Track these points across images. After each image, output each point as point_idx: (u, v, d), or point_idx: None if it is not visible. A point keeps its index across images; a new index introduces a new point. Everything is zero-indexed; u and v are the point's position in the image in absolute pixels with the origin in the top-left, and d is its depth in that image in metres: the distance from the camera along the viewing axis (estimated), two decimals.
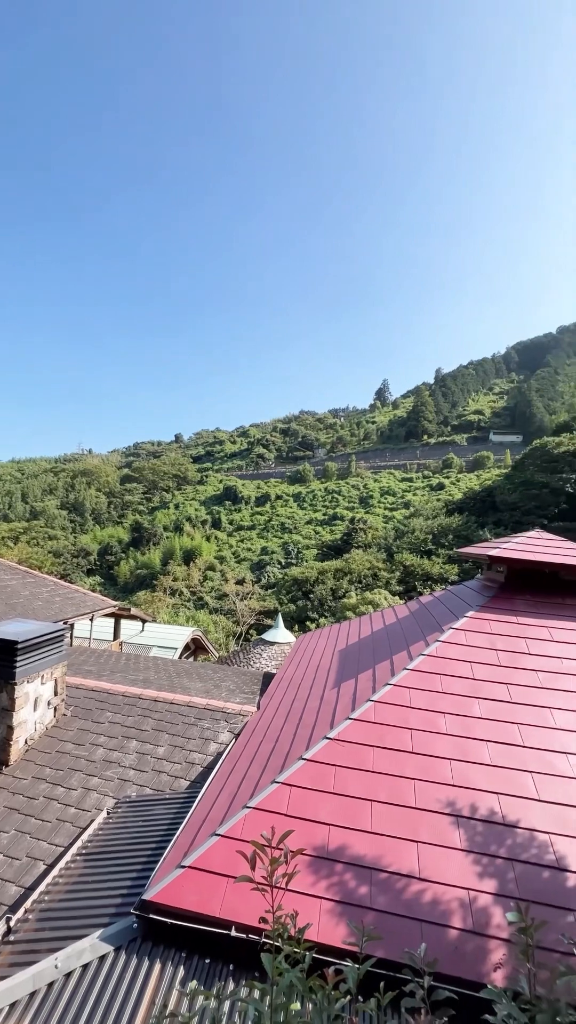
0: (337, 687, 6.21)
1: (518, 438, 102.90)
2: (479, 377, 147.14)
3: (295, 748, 4.82)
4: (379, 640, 7.38)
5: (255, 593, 52.86)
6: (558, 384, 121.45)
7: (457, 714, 4.75)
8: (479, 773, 4.17)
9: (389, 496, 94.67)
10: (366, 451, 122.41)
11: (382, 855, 3.57)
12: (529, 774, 4.13)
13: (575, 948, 2.28)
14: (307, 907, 3.22)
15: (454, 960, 2.99)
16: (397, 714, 4.74)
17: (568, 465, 55.68)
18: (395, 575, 49.08)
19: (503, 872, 3.45)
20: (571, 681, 5.10)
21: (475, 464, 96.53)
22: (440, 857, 3.56)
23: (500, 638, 5.73)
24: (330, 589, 48.37)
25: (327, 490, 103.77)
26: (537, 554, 6.62)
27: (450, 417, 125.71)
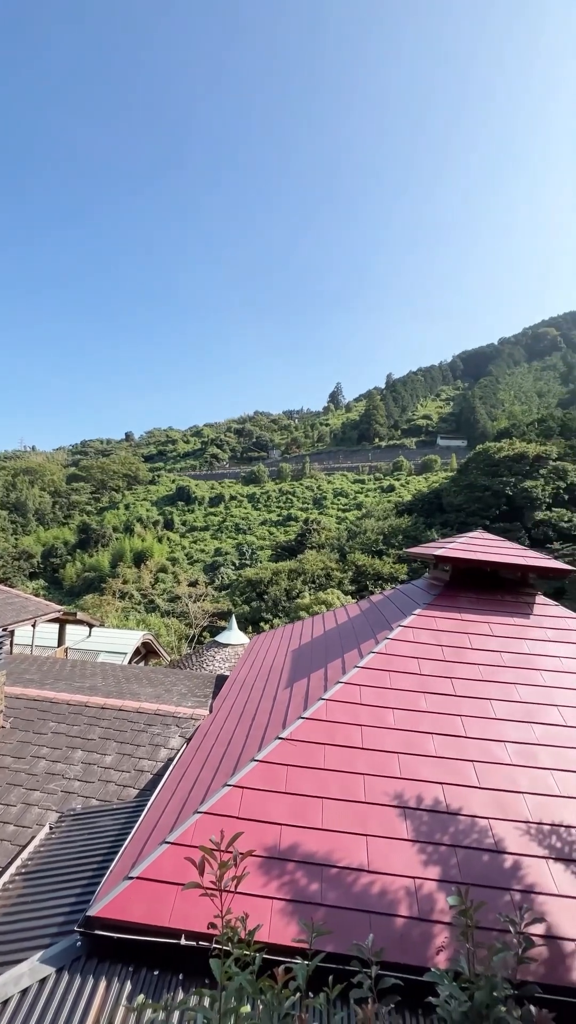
0: (290, 687, 6.24)
1: (463, 443, 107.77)
2: (427, 383, 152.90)
3: (247, 750, 4.80)
4: (331, 639, 7.50)
5: (208, 595, 52.17)
6: (499, 392, 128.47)
7: (405, 709, 4.91)
8: (425, 765, 4.33)
9: (342, 497, 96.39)
10: (320, 453, 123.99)
11: (333, 851, 3.63)
12: (471, 763, 4.34)
13: (511, 926, 2.41)
14: (259, 908, 3.22)
15: (401, 947, 3.08)
16: (348, 711, 4.83)
17: (508, 469, 58.96)
18: (348, 575, 50.04)
19: (446, 858, 3.60)
20: (509, 673, 5.40)
21: (423, 467, 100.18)
22: (388, 848, 3.66)
23: (445, 634, 5.98)
24: (284, 590, 48.60)
25: (281, 491, 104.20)
26: (479, 554, 6.96)
27: (400, 421, 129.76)
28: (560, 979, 2.98)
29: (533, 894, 3.40)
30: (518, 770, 4.29)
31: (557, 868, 3.54)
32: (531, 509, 54.68)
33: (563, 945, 3.11)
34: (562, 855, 3.62)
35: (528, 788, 4.12)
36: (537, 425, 72.42)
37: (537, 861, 3.60)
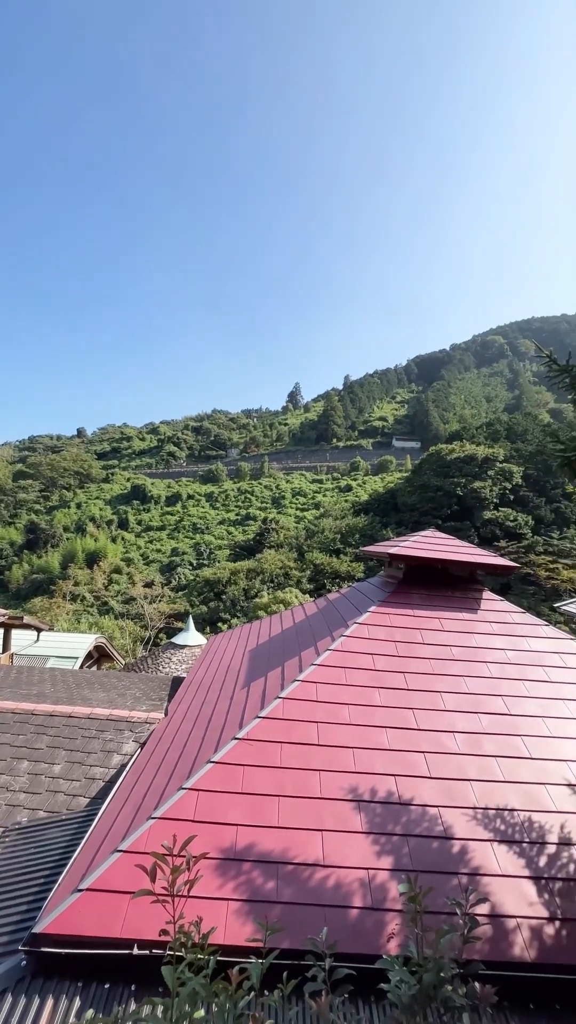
0: (247, 687, 6.22)
1: (417, 444, 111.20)
2: (383, 386, 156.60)
3: (203, 752, 4.74)
4: (288, 638, 7.54)
5: (165, 596, 51.11)
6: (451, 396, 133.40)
7: (360, 704, 5.01)
8: (379, 758, 4.44)
9: (300, 497, 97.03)
10: (278, 452, 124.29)
11: (289, 848, 3.65)
12: (422, 754, 4.48)
13: (457, 908, 2.52)
14: (214, 911, 3.19)
15: (355, 938, 3.15)
16: (304, 709, 4.88)
17: (458, 470, 61.38)
18: (306, 574, 50.47)
19: (399, 848, 3.71)
20: (458, 666, 5.63)
21: (379, 467, 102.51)
22: (343, 842, 3.72)
23: (398, 630, 6.15)
24: (243, 589, 48.39)
25: (240, 490, 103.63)
26: (431, 551, 7.21)
27: (357, 422, 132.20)
28: (503, 955, 3.14)
29: (479, 876, 3.55)
30: (466, 758, 4.47)
31: (501, 850, 3.73)
32: (480, 509, 57.17)
33: (505, 923, 3.28)
34: (505, 837, 3.81)
35: (475, 775, 4.31)
36: (485, 428, 75.83)
37: (483, 844, 3.77)
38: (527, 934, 3.23)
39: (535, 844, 3.78)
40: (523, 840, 3.79)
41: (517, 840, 3.80)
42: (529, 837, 3.82)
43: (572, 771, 4.42)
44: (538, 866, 3.63)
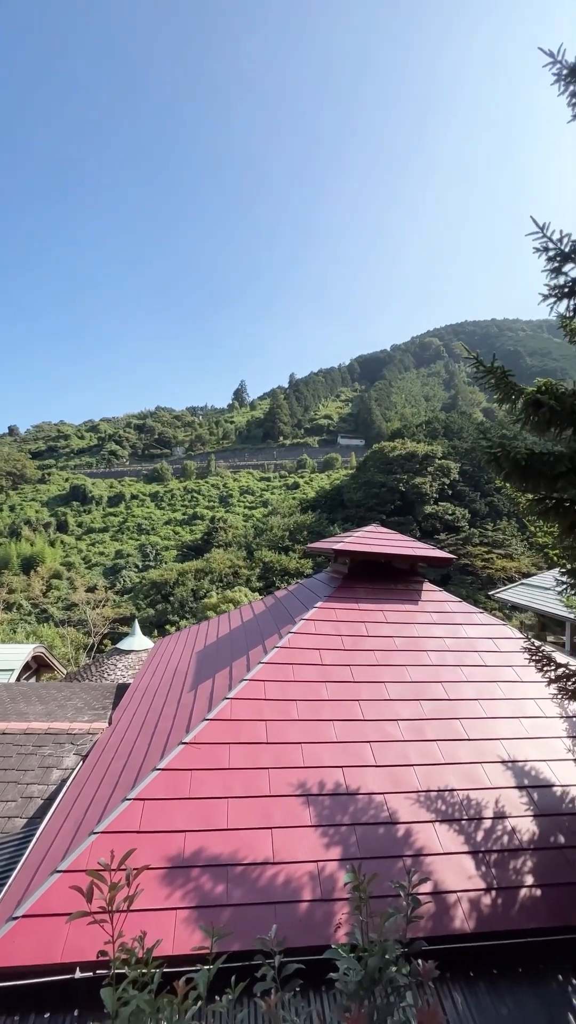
0: (195, 690, 6.11)
1: (361, 442, 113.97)
2: (328, 385, 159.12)
3: (149, 759, 4.61)
4: (237, 638, 7.48)
5: (109, 600, 49.13)
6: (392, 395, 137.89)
7: (308, 699, 5.06)
8: (327, 751, 4.50)
9: (248, 495, 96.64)
10: (225, 450, 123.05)
11: (238, 849, 3.62)
12: (368, 744, 4.60)
13: (401, 890, 2.60)
14: (161, 922, 3.11)
15: (305, 931, 3.18)
16: (252, 708, 4.86)
17: (400, 467, 63.60)
18: (255, 572, 50.41)
19: (347, 837, 3.79)
20: (401, 656, 5.83)
21: (326, 465, 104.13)
22: (293, 838, 3.75)
23: (344, 624, 6.27)
24: (191, 590, 47.56)
25: (186, 489, 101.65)
26: (374, 546, 7.41)
27: (303, 420, 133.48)
28: (445, 929, 3.29)
29: (422, 856, 3.70)
30: (409, 745, 4.64)
31: (442, 829, 3.90)
32: (421, 503, 59.59)
33: (447, 898, 3.43)
34: (446, 817, 4.00)
35: (418, 760, 4.49)
36: (425, 427, 79.06)
37: (425, 826, 3.92)
38: (466, 907, 3.41)
39: (473, 820, 3.99)
40: (462, 818, 3.99)
41: (457, 818, 3.99)
42: (467, 815, 4.03)
43: (505, 748, 4.71)
44: (476, 841, 3.83)
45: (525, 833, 3.93)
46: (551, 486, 2.98)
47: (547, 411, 2.93)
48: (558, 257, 2.90)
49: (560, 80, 3.16)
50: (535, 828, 3.98)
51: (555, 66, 3.11)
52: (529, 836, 3.91)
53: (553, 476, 2.89)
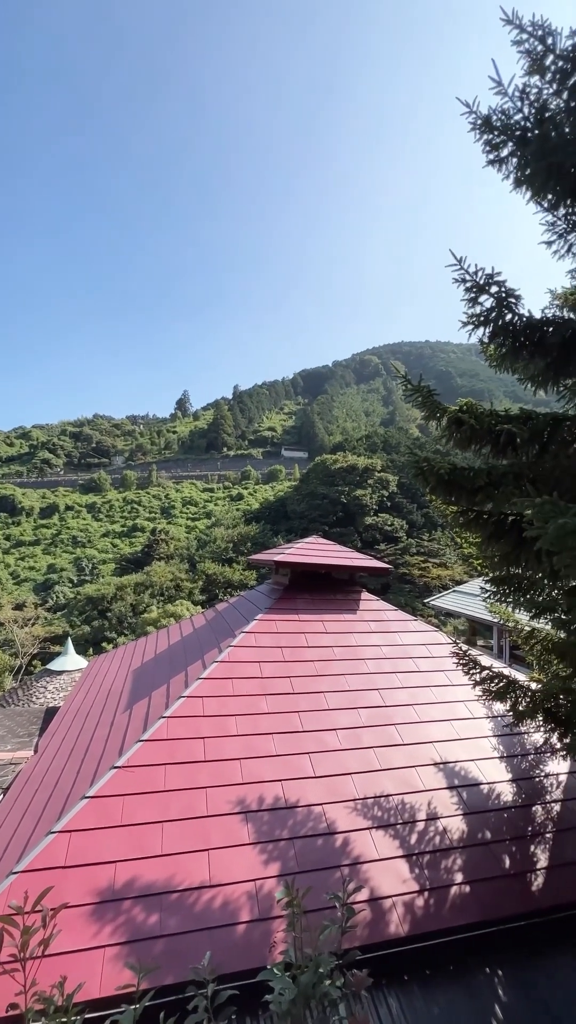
0: (129, 710, 5.86)
1: (304, 454, 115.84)
2: (272, 397, 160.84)
3: (78, 787, 4.34)
4: (176, 653, 7.27)
5: (40, 617, 46.00)
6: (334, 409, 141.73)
7: (247, 714, 5.00)
8: (266, 765, 4.46)
9: (191, 506, 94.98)
10: (167, 460, 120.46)
11: (173, 875, 3.48)
12: (307, 755, 4.61)
13: (336, 901, 2.61)
14: (87, 963, 2.91)
15: (242, 954, 3.10)
16: (190, 726, 4.72)
17: (342, 479, 65.28)
18: (198, 584, 49.42)
19: (285, 852, 3.75)
20: (340, 665, 5.92)
21: (269, 476, 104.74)
22: (230, 858, 3.66)
23: (284, 635, 6.29)
24: (130, 605, 45.73)
25: (126, 500, 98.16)
26: (314, 557, 7.52)
27: (247, 432, 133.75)
28: (381, 935, 3.33)
29: (360, 864, 3.74)
30: (347, 753, 4.70)
31: (378, 835, 3.97)
32: (362, 515, 61.32)
33: (382, 904, 3.49)
34: (382, 823, 4.07)
35: (355, 768, 4.55)
36: (365, 440, 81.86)
37: (363, 833, 3.98)
38: (401, 911, 3.47)
39: (407, 824, 4.10)
40: (397, 822, 4.09)
41: (392, 823, 4.08)
42: (402, 818, 4.13)
43: (437, 751, 4.89)
44: (410, 844, 3.93)
45: (455, 832, 4.08)
46: (472, 499, 3.19)
47: (468, 429, 3.15)
48: (474, 288, 3.15)
49: (475, 129, 3.45)
50: (464, 827, 4.15)
51: (470, 115, 3.41)
52: (459, 835, 4.07)
53: (473, 490, 3.10)
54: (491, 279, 3.17)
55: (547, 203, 3.28)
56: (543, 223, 3.45)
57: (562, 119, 3.39)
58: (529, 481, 2.92)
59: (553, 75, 3.40)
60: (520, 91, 3.33)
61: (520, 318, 3.21)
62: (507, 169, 3.46)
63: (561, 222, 3.34)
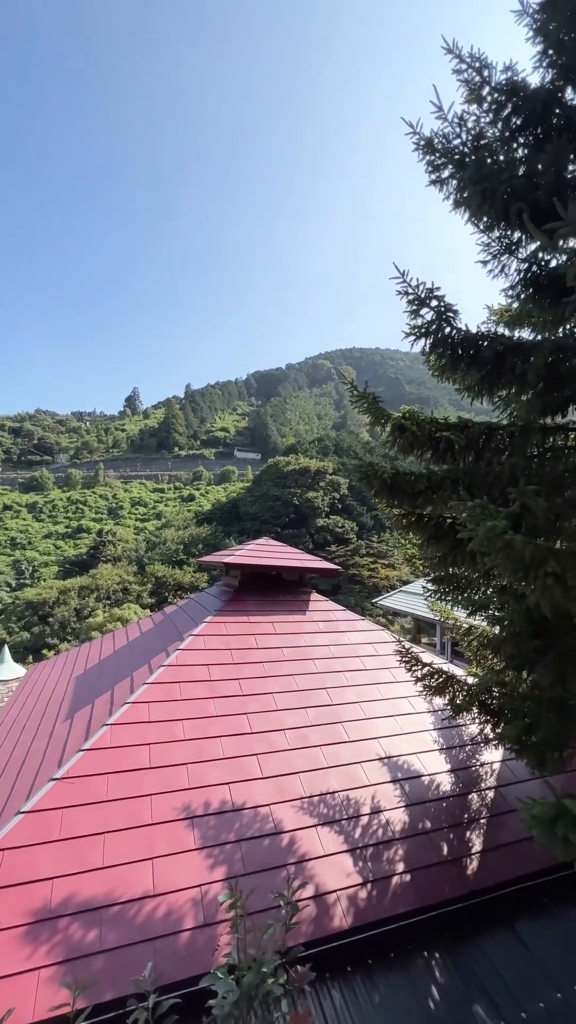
0: (71, 718, 5.62)
1: (258, 455, 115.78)
2: (225, 397, 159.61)
3: (12, 803, 4.12)
4: (121, 658, 7.06)
5: None
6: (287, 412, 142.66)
7: (195, 718, 4.94)
8: (214, 769, 4.42)
9: (140, 507, 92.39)
10: (115, 459, 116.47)
11: (114, 888, 3.38)
12: (255, 757, 4.62)
13: (281, 900, 2.64)
14: (19, 987, 2.77)
15: (186, 961, 3.05)
16: (134, 732, 4.60)
17: (295, 482, 65.84)
18: (147, 587, 48.14)
19: (232, 855, 3.74)
20: (289, 666, 5.97)
21: (222, 477, 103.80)
22: (175, 865, 3.60)
23: (234, 637, 6.26)
24: (74, 609, 43.78)
25: (70, 500, 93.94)
26: (264, 559, 7.54)
27: (199, 432, 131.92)
28: (325, 930, 3.39)
29: (306, 862, 3.79)
30: (294, 753, 4.75)
31: (324, 831, 4.04)
32: (313, 517, 62.09)
33: (327, 899, 3.55)
34: (328, 819, 4.15)
35: (303, 767, 4.61)
36: (317, 443, 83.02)
37: (309, 831, 4.03)
38: (345, 904, 3.55)
39: (352, 819, 4.19)
40: (342, 818, 4.18)
41: (338, 819, 4.17)
42: (347, 814, 4.23)
43: (382, 746, 5.05)
44: (354, 838, 4.03)
45: (398, 824, 4.23)
46: (413, 503, 3.34)
47: (410, 435, 3.29)
48: (416, 301, 3.31)
49: (419, 149, 3.62)
50: (406, 818, 4.31)
51: (414, 136, 3.57)
52: (401, 826, 4.22)
53: (414, 494, 3.24)
54: (431, 293, 3.33)
55: (483, 225, 3.49)
56: (479, 244, 3.67)
57: (497, 147, 3.62)
58: (464, 486, 3.10)
59: (489, 105, 3.63)
60: (459, 118, 3.53)
61: (458, 331, 3.40)
62: (447, 190, 3.65)
63: (495, 244, 3.57)
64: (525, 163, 3.48)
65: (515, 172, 3.36)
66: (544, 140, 3.47)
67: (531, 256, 3.52)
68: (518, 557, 2.31)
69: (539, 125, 3.51)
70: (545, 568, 2.28)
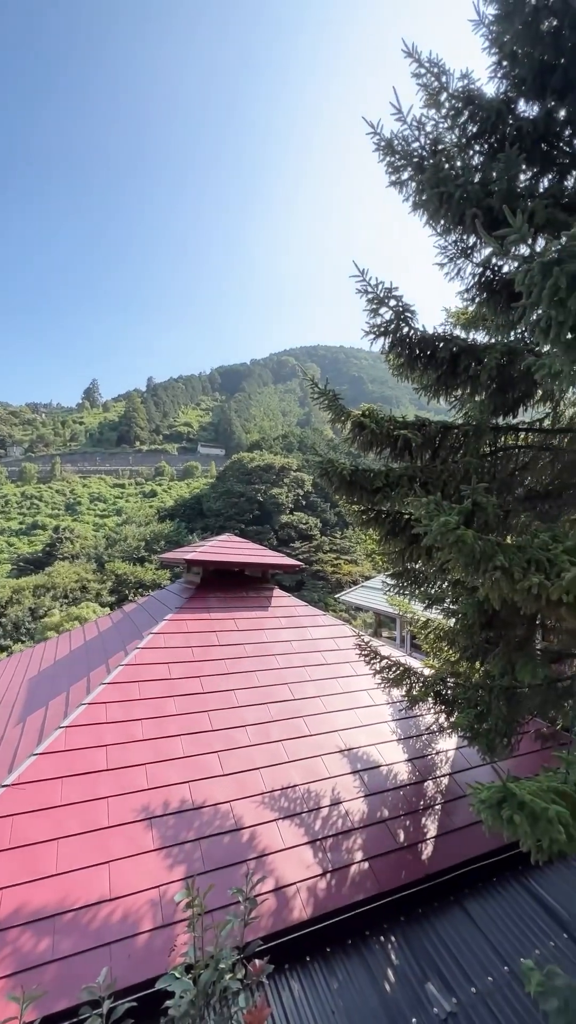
0: (23, 722, 5.41)
1: (222, 451, 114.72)
2: (188, 392, 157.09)
3: None
4: (77, 658, 6.84)
5: None
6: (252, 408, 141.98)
7: (154, 717, 4.86)
8: (173, 768, 4.37)
9: (100, 502, 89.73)
10: (74, 453, 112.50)
11: (68, 895, 3.28)
12: (215, 754, 4.59)
13: (240, 896, 2.64)
14: None
15: (142, 965, 3.01)
16: (91, 734, 4.48)
17: (259, 478, 65.67)
18: (107, 585, 46.84)
19: (191, 854, 3.71)
20: (251, 662, 5.97)
21: (185, 473, 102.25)
22: (133, 867, 3.53)
23: (195, 635, 6.19)
24: (28, 609, 41.99)
25: (25, 495, 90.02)
26: (226, 555, 7.49)
27: (162, 426, 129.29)
28: (285, 922, 3.42)
29: (266, 856, 3.81)
30: (255, 748, 4.76)
31: (284, 824, 4.07)
32: (278, 513, 62.20)
33: (287, 891, 3.58)
34: (288, 812, 4.18)
35: (263, 763, 4.62)
36: (282, 440, 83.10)
37: (269, 825, 4.05)
38: (305, 895, 3.60)
39: (312, 811, 4.25)
40: (303, 811, 4.23)
41: (298, 812, 4.21)
42: (307, 806, 4.28)
43: (342, 738, 5.13)
44: (314, 830, 4.08)
45: (356, 814, 4.31)
46: (371, 499, 3.41)
47: (369, 433, 3.35)
48: (375, 300, 3.36)
49: (379, 149, 3.66)
50: (365, 808, 4.40)
51: (375, 136, 3.61)
52: (360, 816, 4.30)
53: (373, 490, 3.30)
54: (390, 293, 3.39)
55: (440, 228, 3.58)
56: (436, 247, 3.76)
57: (454, 153, 3.72)
58: (421, 483, 3.18)
59: (447, 111, 3.72)
60: (418, 121, 3.60)
61: (415, 332, 3.48)
62: (407, 192, 3.72)
63: (451, 247, 3.67)
64: (480, 171, 3.60)
65: (471, 178, 3.46)
66: (498, 149, 3.59)
67: (485, 261, 3.64)
68: (469, 552, 2.40)
69: (493, 135, 3.63)
70: (494, 562, 2.38)
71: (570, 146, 3.67)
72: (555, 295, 2.01)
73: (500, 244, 2.27)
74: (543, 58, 3.40)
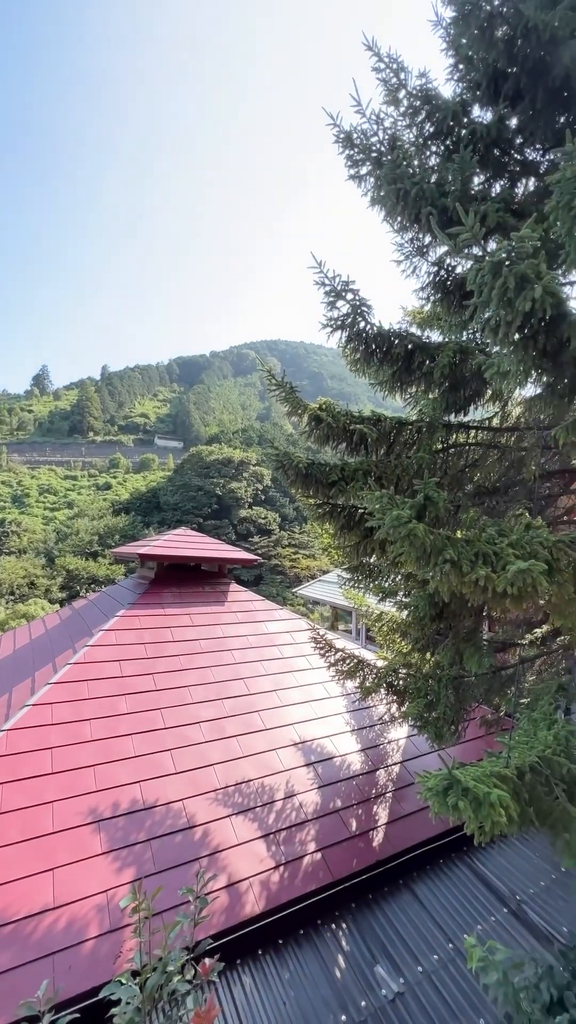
0: None
1: (179, 444, 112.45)
2: (145, 382, 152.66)
3: None
4: (21, 658, 6.51)
5: None
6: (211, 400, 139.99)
7: (104, 717, 4.69)
8: (124, 769, 4.24)
9: (50, 495, 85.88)
10: (21, 443, 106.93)
11: (8, 905, 3.12)
12: (168, 752, 4.50)
13: (190, 895, 2.59)
14: None
15: (87, 974, 2.90)
16: (35, 737, 4.27)
17: (218, 472, 64.95)
18: (56, 581, 45.08)
19: (141, 855, 3.61)
20: (205, 658, 5.88)
21: (141, 465, 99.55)
22: (79, 872, 3.40)
23: (148, 631, 6.03)
24: None
25: None
26: (181, 549, 7.34)
27: (117, 417, 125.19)
28: (237, 917, 3.40)
29: (219, 853, 3.77)
30: (210, 745, 4.70)
31: (238, 820, 4.05)
32: (237, 508, 61.80)
33: (239, 887, 3.56)
34: (242, 808, 4.16)
35: (217, 759, 4.57)
36: (241, 434, 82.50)
37: (223, 822, 4.01)
38: (258, 889, 3.59)
39: (266, 805, 4.24)
40: (256, 805, 4.21)
41: (252, 807, 4.19)
42: (261, 801, 4.27)
43: (296, 732, 5.15)
44: (268, 824, 4.08)
45: (310, 806, 4.35)
46: (327, 493, 3.42)
47: (325, 427, 3.35)
48: (332, 293, 3.36)
49: (339, 141, 3.65)
50: (318, 799, 4.45)
51: (335, 128, 3.59)
52: (313, 807, 4.34)
53: (328, 484, 3.31)
54: (347, 286, 3.39)
55: (397, 225, 3.62)
56: (393, 243, 3.80)
57: (411, 151, 3.75)
58: (375, 478, 3.22)
59: (406, 109, 3.75)
60: (377, 116, 3.60)
61: (372, 327, 3.50)
62: (365, 187, 3.73)
63: (408, 245, 3.72)
64: (436, 171, 3.66)
65: (428, 178, 3.51)
66: (453, 151, 3.66)
67: (439, 260, 3.71)
68: (420, 545, 2.45)
69: (449, 136, 3.69)
70: (444, 555, 2.43)
71: (521, 154, 3.79)
72: (504, 295, 2.07)
73: (454, 242, 2.31)
74: (497, 65, 3.49)
